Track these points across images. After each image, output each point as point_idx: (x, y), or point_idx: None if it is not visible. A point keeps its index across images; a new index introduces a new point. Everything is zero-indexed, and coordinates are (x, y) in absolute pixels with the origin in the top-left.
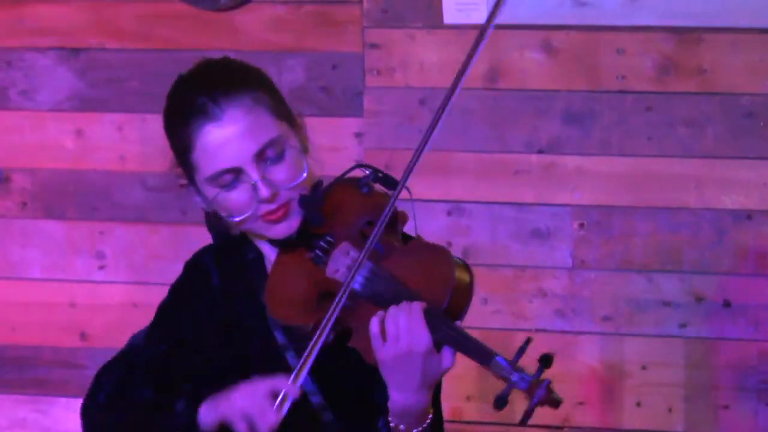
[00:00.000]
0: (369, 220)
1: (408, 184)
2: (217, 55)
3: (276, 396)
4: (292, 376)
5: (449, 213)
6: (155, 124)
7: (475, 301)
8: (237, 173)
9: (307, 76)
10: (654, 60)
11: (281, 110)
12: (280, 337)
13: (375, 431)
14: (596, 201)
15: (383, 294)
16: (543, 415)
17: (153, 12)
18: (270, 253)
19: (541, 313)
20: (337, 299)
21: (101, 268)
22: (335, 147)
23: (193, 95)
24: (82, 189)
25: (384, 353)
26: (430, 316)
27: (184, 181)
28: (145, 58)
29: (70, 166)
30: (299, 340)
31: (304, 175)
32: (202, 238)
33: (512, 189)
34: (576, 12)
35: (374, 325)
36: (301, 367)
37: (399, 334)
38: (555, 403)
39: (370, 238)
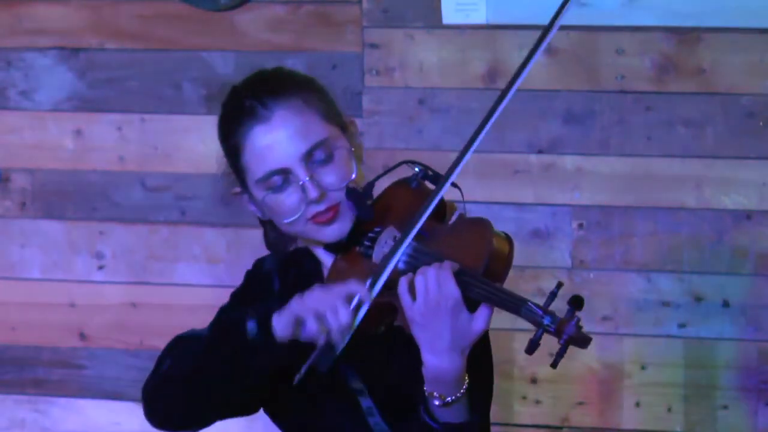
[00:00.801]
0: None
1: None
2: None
3: (350, 299)
4: (367, 284)
5: None
6: (155, 124)
7: None
8: (286, 174)
9: None
10: (654, 60)
11: (332, 113)
12: None
13: (416, 419)
14: (596, 201)
15: (426, 264)
16: (542, 415)
17: (153, 12)
18: (327, 262)
19: None
20: (384, 270)
21: (101, 268)
22: None
23: (243, 99)
24: (81, 189)
25: (413, 310)
26: (461, 274)
27: (237, 189)
28: (144, 58)
29: (69, 167)
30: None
31: (353, 176)
32: (203, 238)
33: (512, 189)
34: (575, 12)
35: (402, 283)
36: (372, 283)
37: (428, 288)
38: (584, 341)
39: (415, 218)
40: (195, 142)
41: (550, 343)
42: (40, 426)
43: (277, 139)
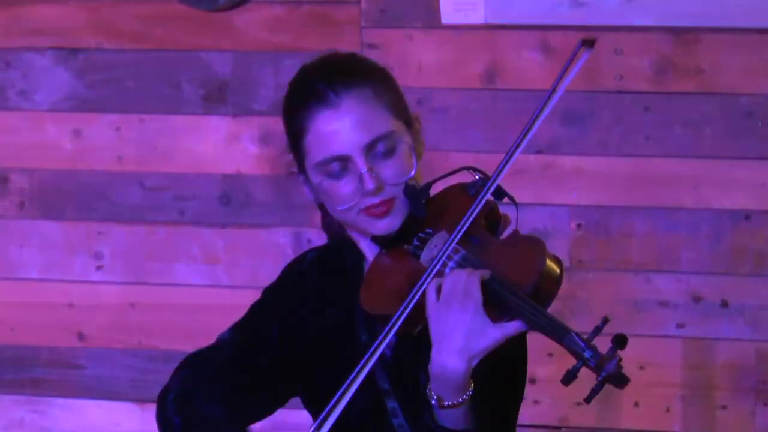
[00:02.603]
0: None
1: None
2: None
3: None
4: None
5: None
6: (153, 124)
7: None
8: (345, 162)
9: None
10: (652, 60)
11: (399, 108)
12: (363, 336)
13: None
14: (594, 201)
15: None
16: (541, 415)
17: (151, 12)
18: (370, 255)
19: None
20: (424, 277)
21: (99, 268)
22: None
23: (314, 82)
24: (80, 189)
25: (435, 308)
26: (494, 282)
27: (294, 169)
28: (143, 59)
29: (68, 167)
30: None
31: (412, 173)
32: (201, 238)
33: (510, 189)
34: (574, 12)
35: (433, 282)
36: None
37: (454, 287)
38: (623, 380)
39: (463, 220)
40: (194, 142)
41: (548, 343)
42: (38, 426)
43: (343, 127)
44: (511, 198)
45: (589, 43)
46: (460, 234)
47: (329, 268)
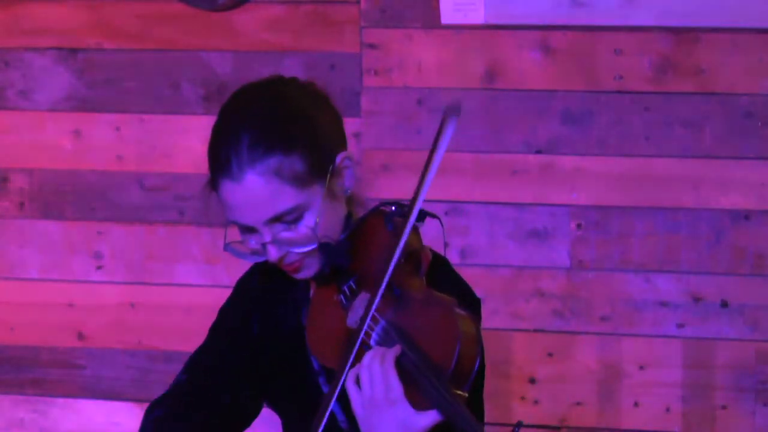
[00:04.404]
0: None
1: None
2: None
3: None
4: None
5: (447, 213)
6: (153, 124)
7: None
8: (252, 228)
9: (304, 76)
10: (652, 60)
11: (313, 172)
12: (315, 363)
13: None
14: (594, 201)
15: None
16: (541, 415)
17: (151, 12)
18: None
19: (539, 313)
20: (348, 360)
21: (99, 268)
22: None
23: (225, 145)
24: (79, 189)
25: (358, 403)
26: (406, 362)
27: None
28: (142, 58)
29: (67, 167)
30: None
31: (314, 246)
32: (200, 238)
33: (510, 189)
34: (573, 12)
35: (351, 376)
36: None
37: (373, 383)
38: None
39: (374, 297)
40: (193, 142)
41: (548, 343)
42: (38, 426)
43: (244, 201)
44: (434, 216)
45: (455, 111)
46: (374, 307)
47: (274, 274)
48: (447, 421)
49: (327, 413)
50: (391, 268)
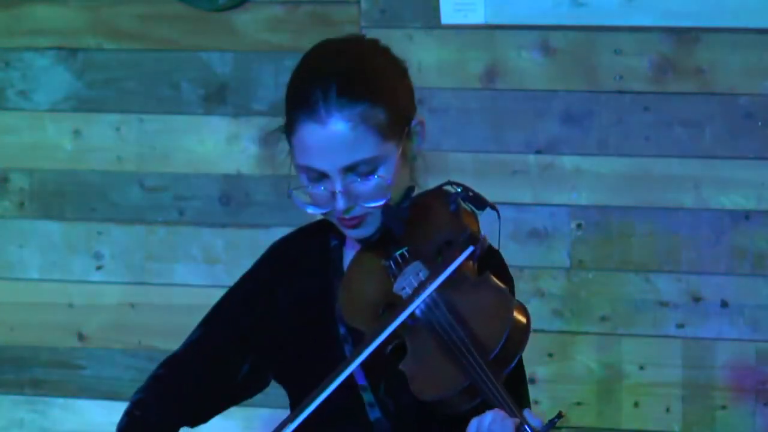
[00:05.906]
0: (449, 239)
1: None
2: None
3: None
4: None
5: None
6: (153, 124)
7: None
8: (323, 175)
9: None
10: (652, 60)
11: (393, 128)
12: (341, 328)
13: None
14: (594, 201)
15: (440, 324)
16: (541, 415)
17: (151, 12)
18: (353, 242)
19: (539, 313)
20: (394, 322)
21: (99, 268)
22: None
23: (308, 87)
24: (79, 189)
25: None
26: (452, 337)
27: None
28: (142, 59)
29: (68, 167)
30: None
31: (385, 201)
32: (201, 238)
33: (510, 189)
34: (574, 12)
35: (473, 425)
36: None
37: None
38: None
39: (439, 275)
40: (193, 142)
41: (548, 343)
42: (38, 426)
43: (326, 144)
44: (494, 208)
45: (474, 240)
46: (432, 286)
47: (311, 246)
48: (485, 402)
49: (347, 372)
50: (464, 255)
